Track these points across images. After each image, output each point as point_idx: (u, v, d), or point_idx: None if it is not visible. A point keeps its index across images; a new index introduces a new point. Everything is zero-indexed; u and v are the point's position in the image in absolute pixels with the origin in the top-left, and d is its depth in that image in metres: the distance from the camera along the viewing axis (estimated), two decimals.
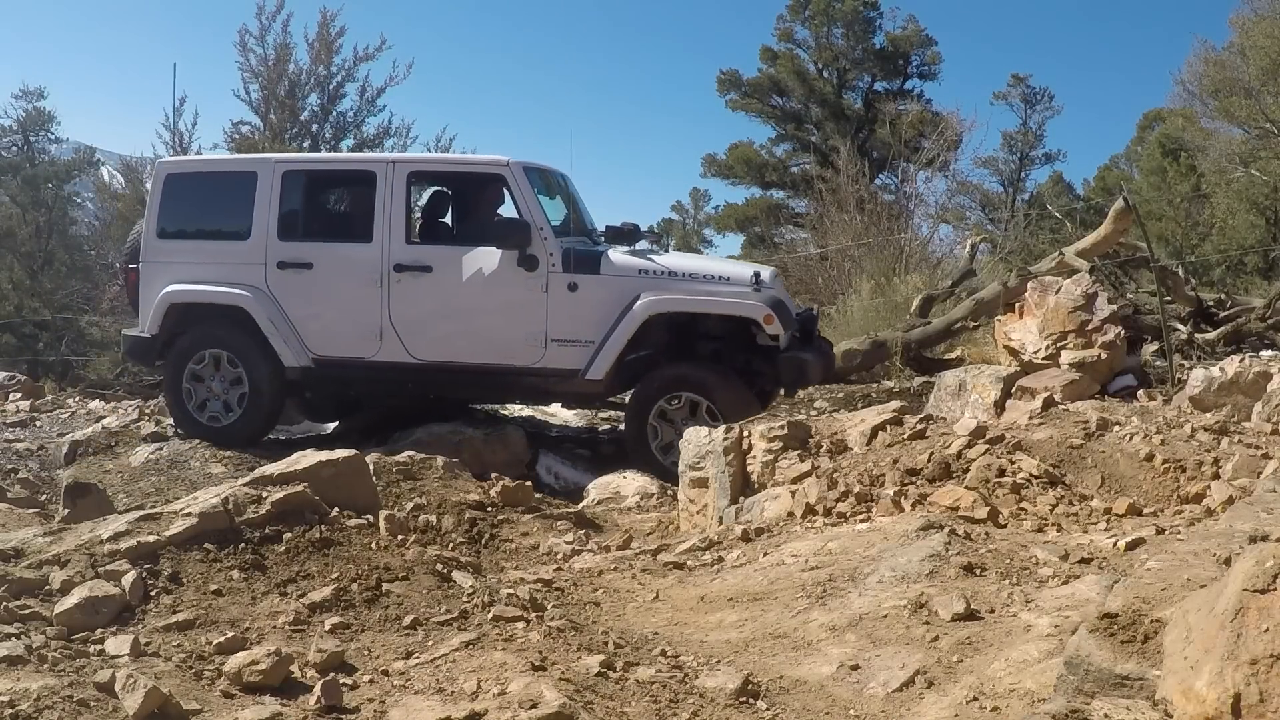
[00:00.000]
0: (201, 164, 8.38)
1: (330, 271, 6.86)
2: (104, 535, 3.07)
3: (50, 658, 2.42)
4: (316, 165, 7.58)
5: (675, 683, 2.50)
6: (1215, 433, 4.08)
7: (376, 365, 6.84)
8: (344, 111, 17.36)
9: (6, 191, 24.80)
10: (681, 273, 6.59)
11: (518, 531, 4.37)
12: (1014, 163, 31.75)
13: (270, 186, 6.91)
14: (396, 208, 6.76)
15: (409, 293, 6.72)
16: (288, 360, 6.86)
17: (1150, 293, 9.19)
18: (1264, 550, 1.81)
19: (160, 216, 7.13)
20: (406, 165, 7.01)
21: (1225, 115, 19.16)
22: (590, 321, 6.50)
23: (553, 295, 6.53)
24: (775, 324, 6.30)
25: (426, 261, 6.74)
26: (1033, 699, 2.20)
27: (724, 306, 6.45)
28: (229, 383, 7.00)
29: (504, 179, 6.71)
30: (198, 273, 7.01)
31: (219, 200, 7.21)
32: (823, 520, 3.89)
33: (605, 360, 6.42)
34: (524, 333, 6.58)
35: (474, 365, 6.74)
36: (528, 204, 6.62)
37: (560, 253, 6.54)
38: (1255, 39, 17.91)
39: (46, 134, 26.11)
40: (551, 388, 6.75)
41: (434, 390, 7.12)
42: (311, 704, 2.34)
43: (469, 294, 6.67)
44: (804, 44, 30.71)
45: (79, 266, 24.03)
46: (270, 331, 6.82)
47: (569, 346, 6.53)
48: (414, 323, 6.73)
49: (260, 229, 6.90)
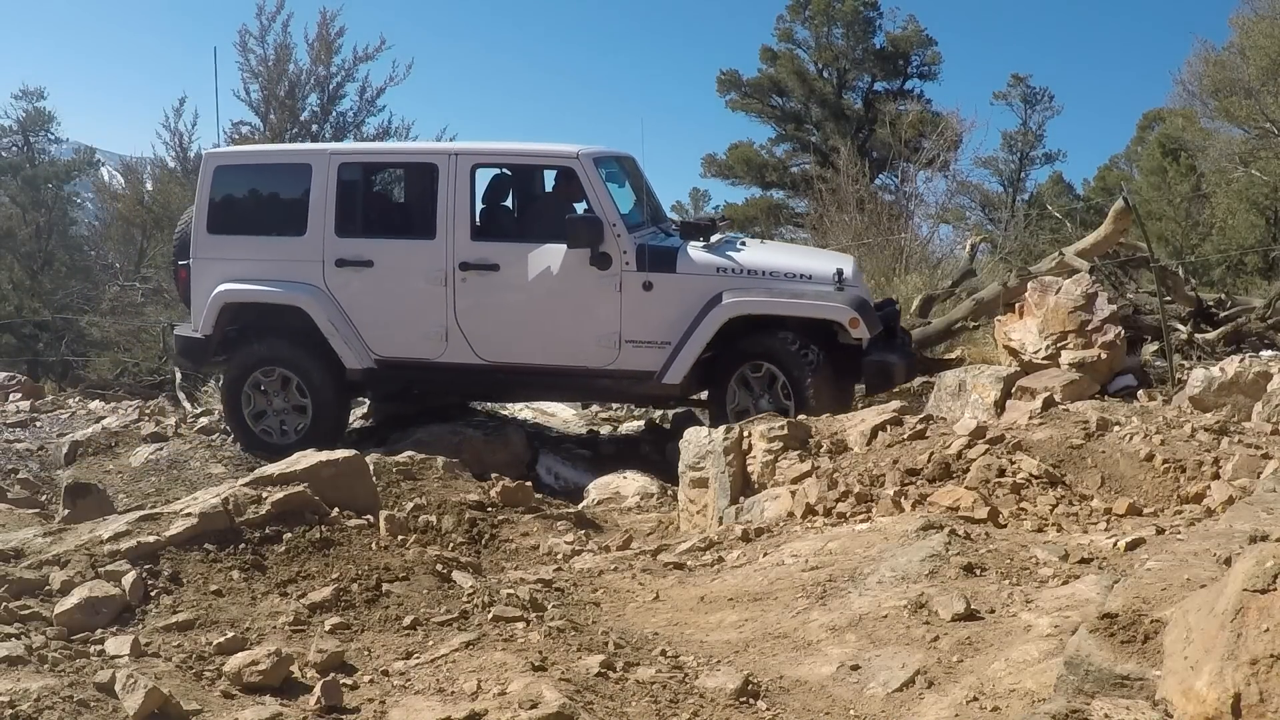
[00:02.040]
0: (252, 155, 8.00)
1: (392, 270, 6.58)
2: (104, 535, 3.07)
3: (50, 658, 2.41)
4: (374, 157, 7.22)
5: (675, 683, 2.50)
6: (1215, 433, 4.08)
7: (442, 367, 6.61)
8: (344, 111, 17.36)
9: (6, 191, 24.81)
10: (762, 270, 6.31)
11: (518, 532, 4.37)
12: (1014, 163, 31.72)
13: (326, 179, 6.61)
14: (460, 202, 6.48)
15: (475, 292, 6.46)
16: (349, 362, 6.61)
17: (1150, 293, 9.18)
18: (1264, 550, 1.81)
19: (210, 210, 6.82)
20: (470, 157, 6.62)
21: (1225, 115, 19.15)
22: (666, 322, 6.26)
23: (627, 295, 6.29)
24: (861, 327, 6.10)
25: (493, 260, 6.46)
26: (1033, 699, 2.20)
27: (808, 309, 6.18)
28: (292, 407, 6.79)
29: (574, 172, 6.41)
30: (251, 270, 6.71)
31: (272, 194, 6.91)
32: (823, 520, 3.89)
33: (683, 363, 6.21)
34: (597, 334, 6.35)
35: (544, 367, 6.51)
36: (599, 199, 6.34)
37: (634, 250, 6.29)
38: (1255, 39, 17.90)
39: (46, 134, 26.14)
40: (625, 390, 6.55)
41: (502, 394, 6.90)
42: (311, 704, 2.34)
43: (538, 294, 6.42)
44: (804, 44, 30.70)
45: (79, 267, 24.04)
46: (330, 332, 6.58)
47: (644, 348, 6.31)
48: (481, 323, 6.49)
49: (317, 224, 6.61)
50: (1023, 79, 31.88)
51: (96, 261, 24.63)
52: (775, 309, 6.20)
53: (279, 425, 6.81)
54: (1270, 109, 17.84)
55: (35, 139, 25.97)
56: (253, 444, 6.75)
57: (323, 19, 16.82)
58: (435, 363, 6.59)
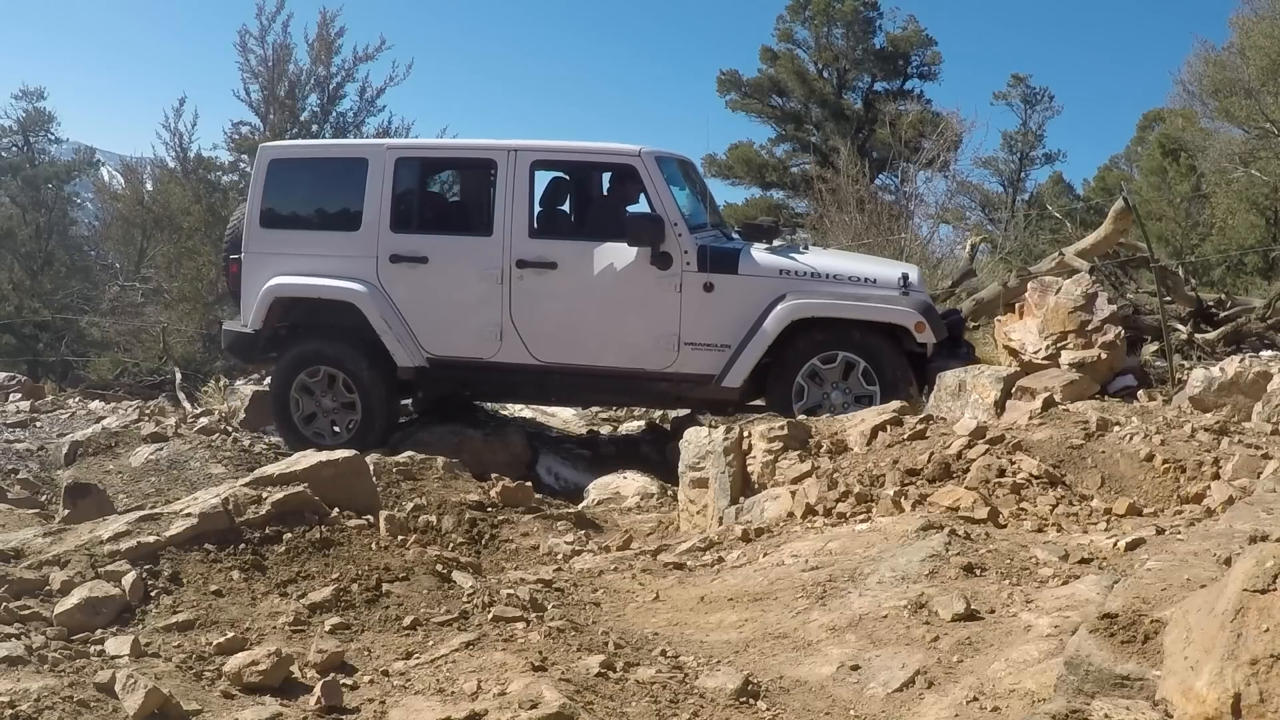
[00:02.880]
0: (307, 149, 7.93)
1: (447, 266, 6.50)
2: (104, 536, 3.07)
3: (50, 658, 2.41)
4: (432, 152, 7.08)
5: (675, 683, 2.50)
6: (1215, 433, 4.08)
7: (496, 367, 6.51)
8: (344, 112, 17.36)
9: (6, 192, 24.84)
10: (826, 273, 6.22)
11: (518, 532, 4.37)
12: (1014, 163, 31.73)
13: (382, 174, 6.54)
14: (519, 199, 6.40)
15: (532, 290, 6.37)
16: (401, 360, 6.53)
17: (1150, 293, 9.19)
18: (1264, 550, 1.81)
19: (264, 204, 6.77)
20: (530, 153, 6.52)
21: (1225, 115, 19.15)
22: (727, 324, 6.15)
23: (687, 296, 6.20)
24: (926, 332, 6.00)
25: (551, 257, 6.38)
26: (1033, 699, 2.20)
27: (873, 312, 6.07)
28: (341, 404, 6.72)
29: (635, 170, 6.34)
30: (304, 265, 6.64)
31: (326, 188, 6.85)
32: (823, 520, 3.89)
33: (743, 367, 6.10)
34: (655, 335, 6.25)
35: (601, 369, 6.40)
36: (660, 198, 6.26)
37: (696, 250, 6.19)
38: (1255, 39, 17.90)
39: (46, 134, 26.17)
40: (683, 394, 6.39)
41: (556, 395, 6.78)
42: (311, 704, 2.34)
43: (596, 293, 6.33)
44: (804, 44, 30.71)
45: (79, 267, 24.07)
46: (382, 329, 6.49)
47: (703, 350, 6.20)
48: (537, 322, 6.40)
49: (371, 219, 6.55)
50: (1023, 79, 31.92)
51: (96, 261, 24.67)
52: (840, 311, 6.07)
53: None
54: (1270, 109, 17.84)
55: (35, 139, 26.00)
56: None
57: (323, 19, 16.83)
58: (489, 362, 6.50)
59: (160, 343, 16.32)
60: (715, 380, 6.17)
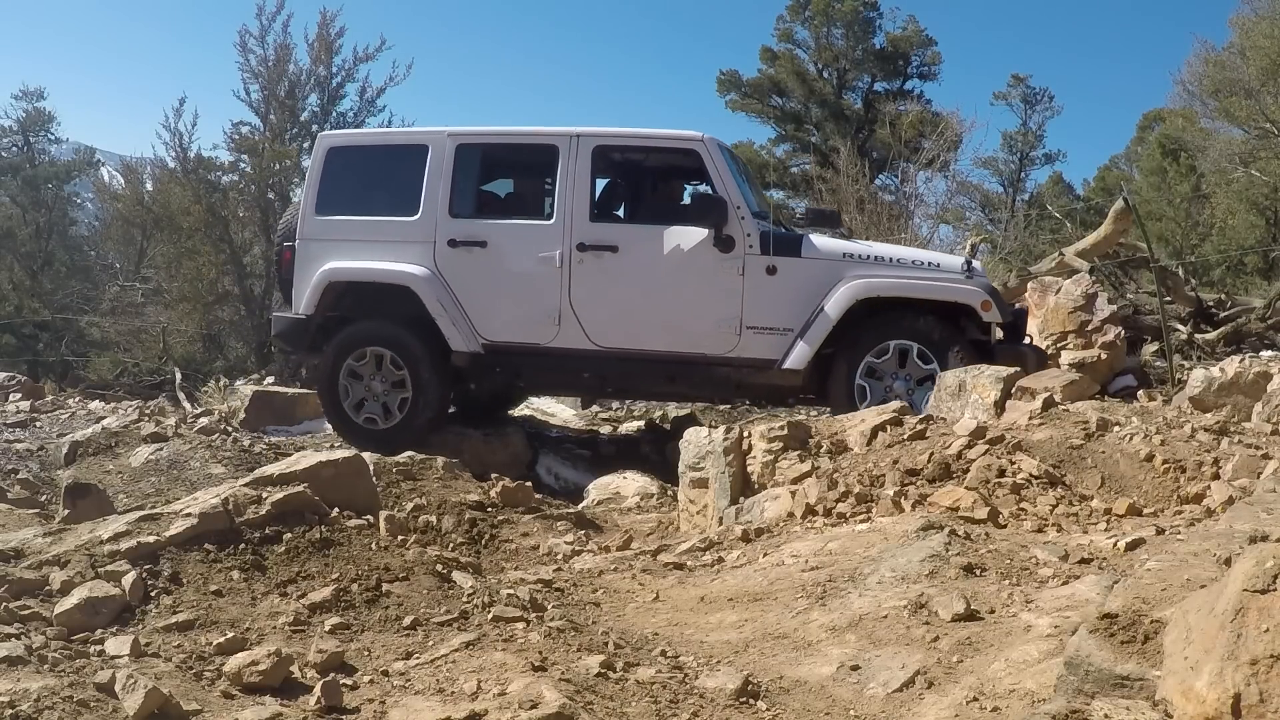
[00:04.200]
0: (367, 136, 7.89)
1: (506, 250, 6.48)
2: (104, 536, 3.07)
3: (50, 658, 2.41)
4: (493, 138, 6.98)
5: (675, 683, 2.50)
6: (1215, 433, 4.08)
7: (552, 352, 6.45)
8: (344, 112, 17.37)
9: (6, 192, 24.87)
10: (888, 258, 6.22)
11: (518, 532, 4.37)
12: (1014, 163, 31.73)
13: (442, 160, 6.56)
14: (580, 184, 6.39)
15: (592, 274, 6.34)
16: (455, 344, 6.46)
17: (1150, 293, 9.19)
18: (1264, 550, 1.81)
19: (320, 192, 6.78)
20: (592, 139, 6.50)
21: (1225, 116, 19.16)
22: (790, 308, 6.09)
23: (749, 279, 6.14)
24: (993, 311, 5.91)
25: (612, 241, 6.36)
26: (1033, 699, 2.20)
27: (939, 291, 6.00)
28: (390, 384, 6.63)
29: (698, 154, 6.32)
30: (360, 251, 6.63)
31: (385, 175, 6.85)
32: (823, 521, 3.89)
33: (806, 350, 6.02)
34: (716, 319, 6.19)
35: (660, 354, 6.34)
36: (724, 181, 6.22)
37: (759, 234, 6.15)
38: (1255, 39, 17.91)
39: (46, 134, 26.20)
40: (744, 380, 6.28)
41: (613, 381, 6.69)
42: (311, 704, 2.34)
43: (658, 277, 6.29)
44: (804, 44, 30.73)
45: (79, 267, 24.10)
46: (438, 312, 6.44)
47: (765, 335, 6.14)
48: (596, 306, 6.36)
49: (430, 205, 6.54)
50: (1023, 79, 31.91)
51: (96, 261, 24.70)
52: (905, 290, 6.03)
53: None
54: (1270, 109, 17.85)
55: (35, 139, 26.03)
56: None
57: (323, 19, 16.85)
58: (545, 348, 6.45)
59: (160, 343, 16.34)
60: (777, 364, 6.10)
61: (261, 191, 16.67)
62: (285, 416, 8.49)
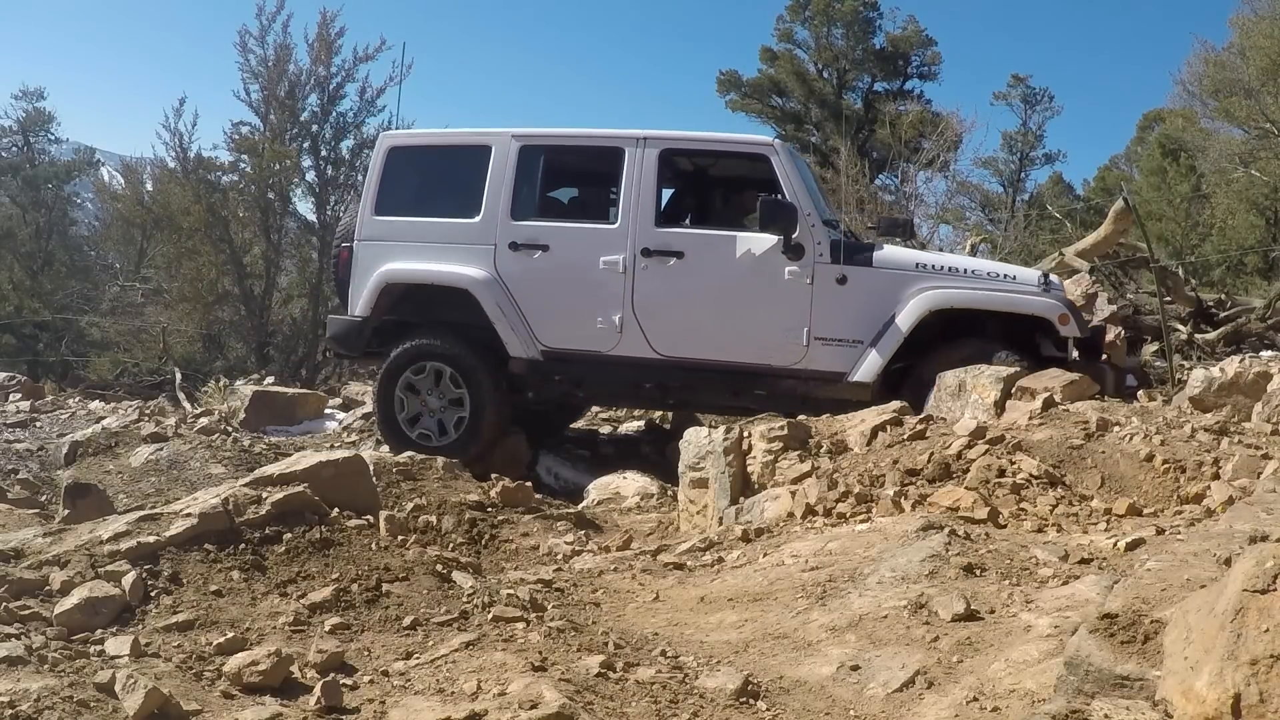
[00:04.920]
0: (428, 137, 7.71)
1: (568, 254, 6.31)
2: (104, 536, 3.07)
3: (50, 658, 2.41)
4: (558, 140, 6.75)
5: (675, 683, 2.50)
6: (1215, 433, 4.08)
7: (613, 360, 6.28)
8: (344, 112, 17.35)
9: (6, 192, 24.87)
10: (962, 269, 6.02)
11: (518, 532, 4.37)
12: (1014, 163, 31.72)
13: (505, 161, 6.42)
14: (645, 188, 6.24)
15: (656, 280, 6.17)
16: (513, 350, 6.30)
17: (1150, 293, 9.19)
18: (1264, 550, 1.81)
19: (380, 192, 6.65)
20: (659, 142, 6.34)
21: (1225, 116, 19.16)
22: (860, 319, 5.91)
23: (819, 288, 5.97)
24: (1070, 325, 5.72)
25: (677, 246, 6.19)
26: (1033, 699, 2.20)
27: (1018, 304, 5.82)
28: (448, 401, 6.48)
29: (768, 160, 6.16)
30: (418, 253, 6.48)
31: (446, 176, 6.72)
32: (823, 521, 3.89)
33: (876, 362, 5.85)
34: (784, 329, 6.01)
35: (725, 364, 6.15)
36: (794, 187, 6.06)
37: (829, 242, 6.00)
38: (1255, 39, 17.91)
39: (46, 134, 26.21)
40: (811, 393, 6.01)
41: (676, 393, 6.46)
42: (311, 704, 2.34)
43: (724, 284, 6.11)
44: (804, 44, 30.73)
45: (79, 267, 24.10)
46: (496, 317, 6.29)
47: (834, 346, 5.96)
48: (660, 314, 6.19)
49: (491, 207, 6.41)
50: (1023, 79, 31.90)
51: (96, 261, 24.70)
52: (981, 302, 5.84)
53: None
54: (1270, 109, 17.85)
55: (35, 139, 26.04)
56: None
57: (323, 19, 16.81)
58: (606, 355, 6.29)
59: (160, 343, 16.33)
60: (845, 377, 5.92)
61: (261, 191, 16.66)
62: (285, 416, 8.50)
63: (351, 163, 17.29)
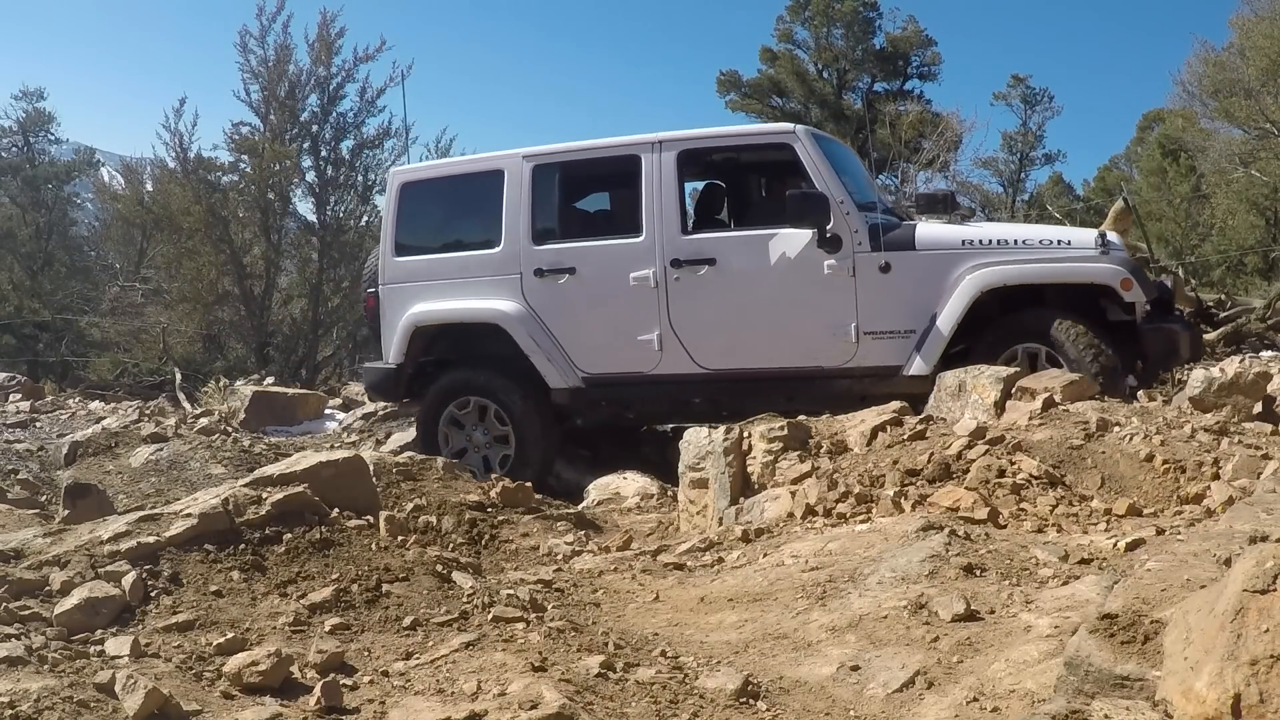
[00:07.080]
0: (439, 168, 7.42)
1: (596, 275, 6.05)
2: (104, 536, 3.07)
3: (50, 658, 2.41)
4: (571, 155, 6.39)
5: (675, 683, 2.50)
6: (1215, 433, 4.08)
7: (658, 380, 6.00)
8: (344, 112, 17.37)
9: (6, 192, 24.90)
10: (1012, 240, 5.60)
11: (518, 532, 4.37)
12: (1014, 163, 31.69)
13: (519, 184, 6.17)
14: (668, 194, 5.93)
15: (690, 291, 5.88)
16: (553, 381, 6.08)
17: None
18: (1264, 550, 1.81)
19: (398, 231, 6.45)
20: (676, 144, 6.02)
21: (1225, 116, 19.17)
22: (909, 307, 5.57)
23: (862, 280, 5.62)
24: (1134, 289, 5.33)
25: (708, 253, 5.88)
26: (1033, 699, 2.20)
27: (1074, 273, 5.46)
28: (493, 438, 6.30)
29: (791, 148, 5.81)
30: (444, 291, 6.26)
31: (462, 206, 6.50)
32: (823, 521, 3.89)
33: (932, 351, 5.50)
34: (830, 327, 5.69)
35: (773, 371, 5.85)
36: (822, 175, 5.70)
37: (867, 229, 5.61)
38: (1255, 39, 17.92)
39: (46, 135, 26.24)
40: (867, 390, 5.58)
41: (728, 405, 6.02)
42: (311, 704, 2.34)
43: (761, 288, 5.81)
44: (804, 45, 30.73)
45: (79, 267, 24.13)
46: (531, 349, 6.07)
47: (885, 339, 5.63)
48: (699, 326, 5.91)
49: (512, 234, 6.17)
50: (1023, 79, 31.87)
51: (96, 262, 24.72)
52: (1035, 276, 5.47)
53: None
54: (1270, 109, 17.85)
55: (35, 139, 26.07)
56: None
57: (323, 19, 16.84)
58: (650, 375, 6.01)
59: (160, 343, 16.35)
60: (901, 370, 5.60)
61: (261, 192, 16.67)
62: (285, 416, 8.51)
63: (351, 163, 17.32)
